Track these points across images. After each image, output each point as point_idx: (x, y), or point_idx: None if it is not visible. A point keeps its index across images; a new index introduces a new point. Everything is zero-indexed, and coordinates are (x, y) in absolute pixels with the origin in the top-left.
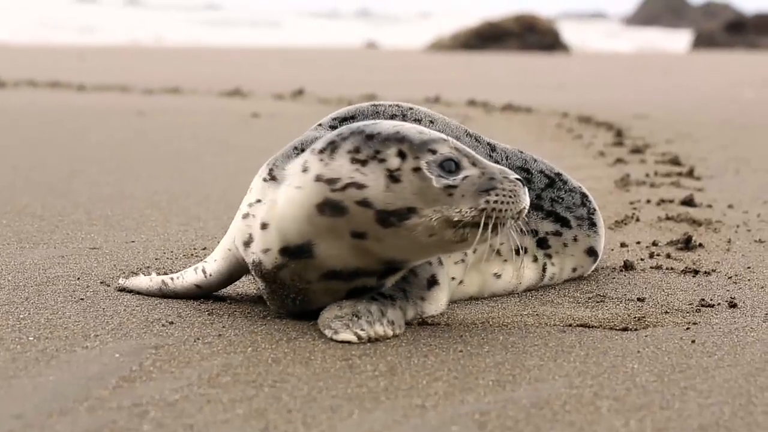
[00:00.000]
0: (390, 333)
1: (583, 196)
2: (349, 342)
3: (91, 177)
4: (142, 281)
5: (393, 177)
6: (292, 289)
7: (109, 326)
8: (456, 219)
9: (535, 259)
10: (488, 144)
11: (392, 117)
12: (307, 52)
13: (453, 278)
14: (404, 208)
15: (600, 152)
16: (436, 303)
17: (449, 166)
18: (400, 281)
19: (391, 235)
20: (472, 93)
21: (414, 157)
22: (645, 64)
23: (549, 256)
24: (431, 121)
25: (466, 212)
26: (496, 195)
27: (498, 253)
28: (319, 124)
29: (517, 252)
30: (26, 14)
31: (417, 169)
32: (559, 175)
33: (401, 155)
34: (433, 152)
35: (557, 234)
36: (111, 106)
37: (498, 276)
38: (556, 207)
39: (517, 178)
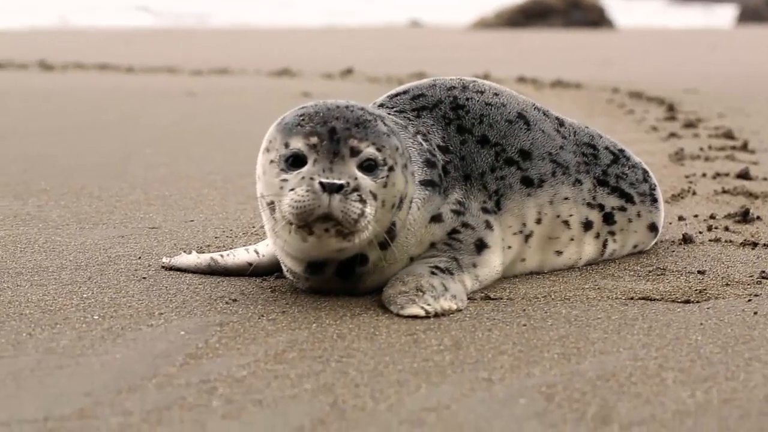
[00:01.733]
0: (454, 307)
1: (645, 172)
2: (415, 316)
3: (145, 158)
4: (189, 259)
5: (264, 168)
6: None
7: (173, 304)
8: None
9: (597, 236)
10: (556, 119)
11: (451, 89)
12: (352, 31)
13: (510, 247)
14: (270, 200)
15: (653, 127)
16: (489, 266)
17: (295, 161)
18: (449, 249)
19: (268, 222)
20: (520, 70)
21: (268, 150)
22: (691, 39)
23: (612, 233)
24: (495, 94)
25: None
26: (291, 196)
27: (567, 225)
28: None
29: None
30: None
31: (271, 162)
32: (622, 151)
33: (267, 149)
34: (286, 146)
35: (622, 209)
36: (160, 88)
37: (559, 253)
38: (621, 183)
39: (324, 183)
